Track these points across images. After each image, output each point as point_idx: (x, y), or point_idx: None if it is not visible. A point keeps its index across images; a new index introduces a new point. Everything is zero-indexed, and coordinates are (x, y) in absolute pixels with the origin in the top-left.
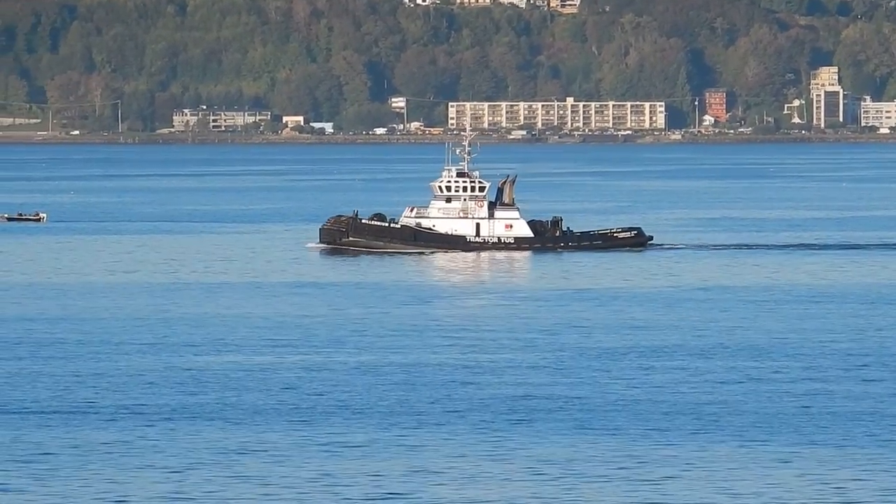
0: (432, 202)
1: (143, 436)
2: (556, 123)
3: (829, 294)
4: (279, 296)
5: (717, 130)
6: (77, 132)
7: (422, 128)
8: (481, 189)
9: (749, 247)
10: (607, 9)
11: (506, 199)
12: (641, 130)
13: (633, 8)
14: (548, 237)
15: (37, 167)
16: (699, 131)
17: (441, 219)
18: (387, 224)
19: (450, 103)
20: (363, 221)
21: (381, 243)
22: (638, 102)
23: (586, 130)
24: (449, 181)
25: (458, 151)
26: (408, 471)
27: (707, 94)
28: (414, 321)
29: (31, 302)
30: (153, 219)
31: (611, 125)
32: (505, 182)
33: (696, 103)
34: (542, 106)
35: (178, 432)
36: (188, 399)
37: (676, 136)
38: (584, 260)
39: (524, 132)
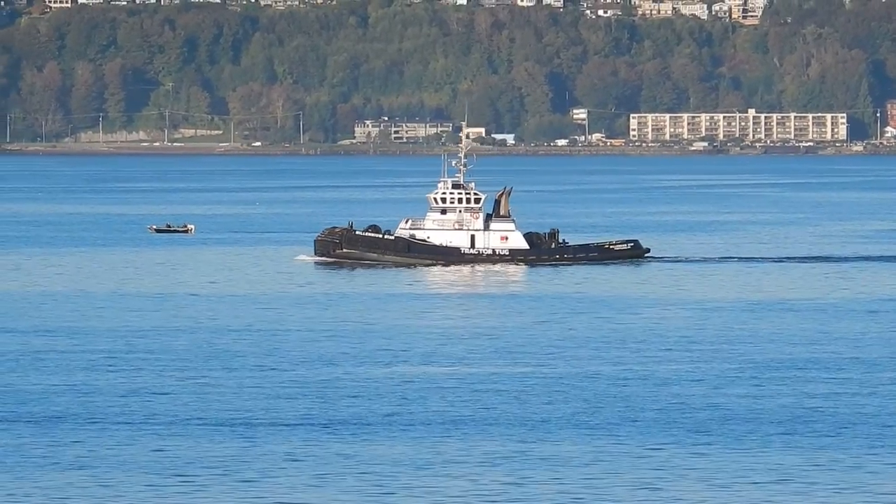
0: (428, 214)
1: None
2: (737, 135)
3: None
4: (435, 307)
5: None
6: (258, 143)
7: (603, 139)
8: (476, 201)
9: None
10: (789, 20)
11: (502, 211)
12: (823, 142)
13: (815, 19)
14: (543, 249)
15: (219, 178)
16: (881, 143)
17: (436, 230)
18: (381, 236)
19: (631, 115)
20: (357, 233)
21: (375, 255)
22: (820, 114)
23: (768, 142)
24: (444, 193)
25: (453, 163)
26: (592, 483)
27: (889, 105)
28: (577, 333)
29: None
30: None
31: (792, 137)
32: (501, 194)
33: (878, 115)
34: (724, 117)
35: (378, 442)
36: (377, 409)
37: (858, 147)
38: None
39: (706, 143)
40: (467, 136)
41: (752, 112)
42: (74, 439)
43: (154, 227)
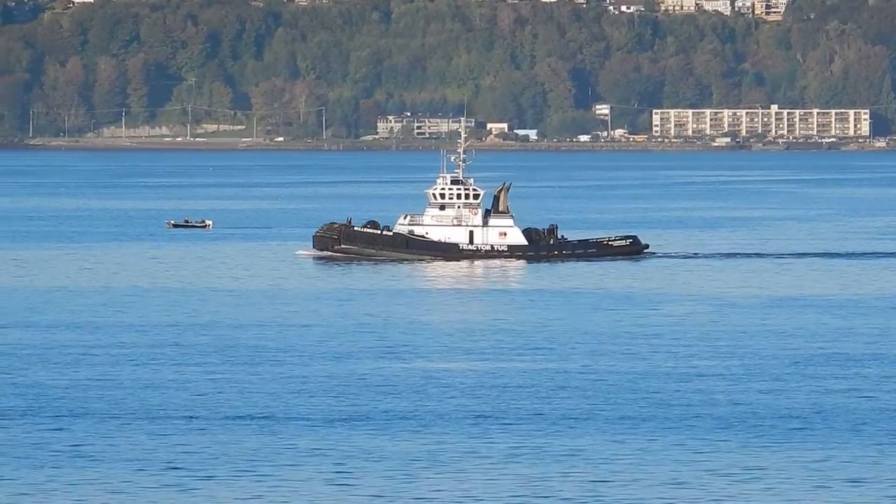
0: (427, 210)
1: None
2: (760, 131)
3: None
4: (469, 302)
5: None
6: (281, 139)
7: (626, 135)
8: (475, 197)
9: None
10: (812, 16)
11: (500, 207)
12: (846, 138)
13: (838, 15)
14: (542, 245)
15: (241, 173)
16: None
17: (434, 226)
18: (379, 231)
19: (654, 110)
20: (355, 229)
21: (373, 250)
22: (843, 110)
23: (790, 138)
24: (443, 189)
25: (452, 159)
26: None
27: None
28: (614, 328)
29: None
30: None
31: (815, 133)
32: (500, 190)
33: None
34: (747, 113)
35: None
36: (383, 405)
37: (881, 143)
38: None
39: (728, 139)
40: (467, 132)
41: (774, 108)
42: (95, 434)
43: (172, 222)
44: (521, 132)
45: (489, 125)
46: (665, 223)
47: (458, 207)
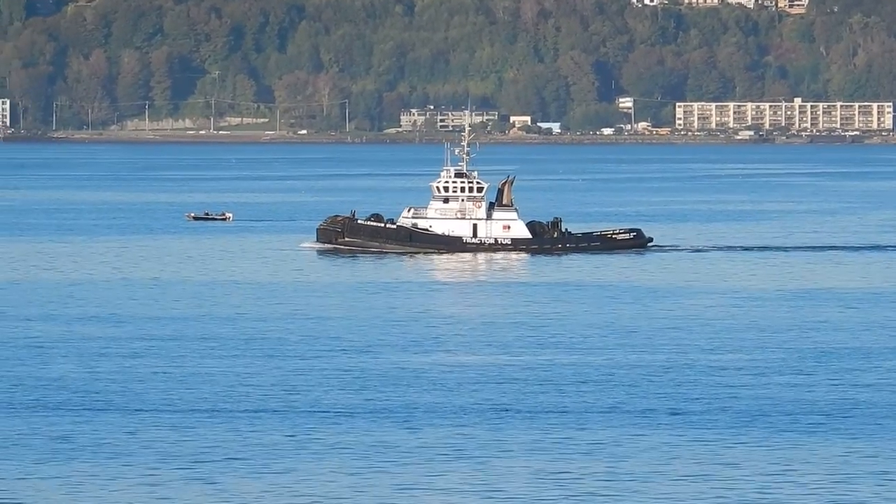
0: (431, 202)
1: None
2: (783, 124)
3: None
4: (486, 294)
5: None
6: (304, 132)
7: (649, 128)
8: (479, 190)
9: None
10: (835, 9)
11: (504, 200)
12: (869, 131)
13: (862, 8)
14: (546, 238)
15: (263, 166)
16: None
17: (438, 219)
18: (382, 224)
19: (677, 103)
20: (359, 222)
21: (377, 244)
22: (866, 103)
23: (814, 131)
24: (447, 181)
25: (456, 151)
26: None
27: None
28: (637, 321)
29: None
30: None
31: (838, 126)
32: (504, 183)
33: None
34: (770, 106)
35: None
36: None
37: None
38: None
39: (751, 133)
40: (470, 124)
41: (798, 101)
42: (117, 427)
43: (192, 214)
44: (544, 125)
45: (512, 118)
46: (686, 216)
47: (462, 200)
